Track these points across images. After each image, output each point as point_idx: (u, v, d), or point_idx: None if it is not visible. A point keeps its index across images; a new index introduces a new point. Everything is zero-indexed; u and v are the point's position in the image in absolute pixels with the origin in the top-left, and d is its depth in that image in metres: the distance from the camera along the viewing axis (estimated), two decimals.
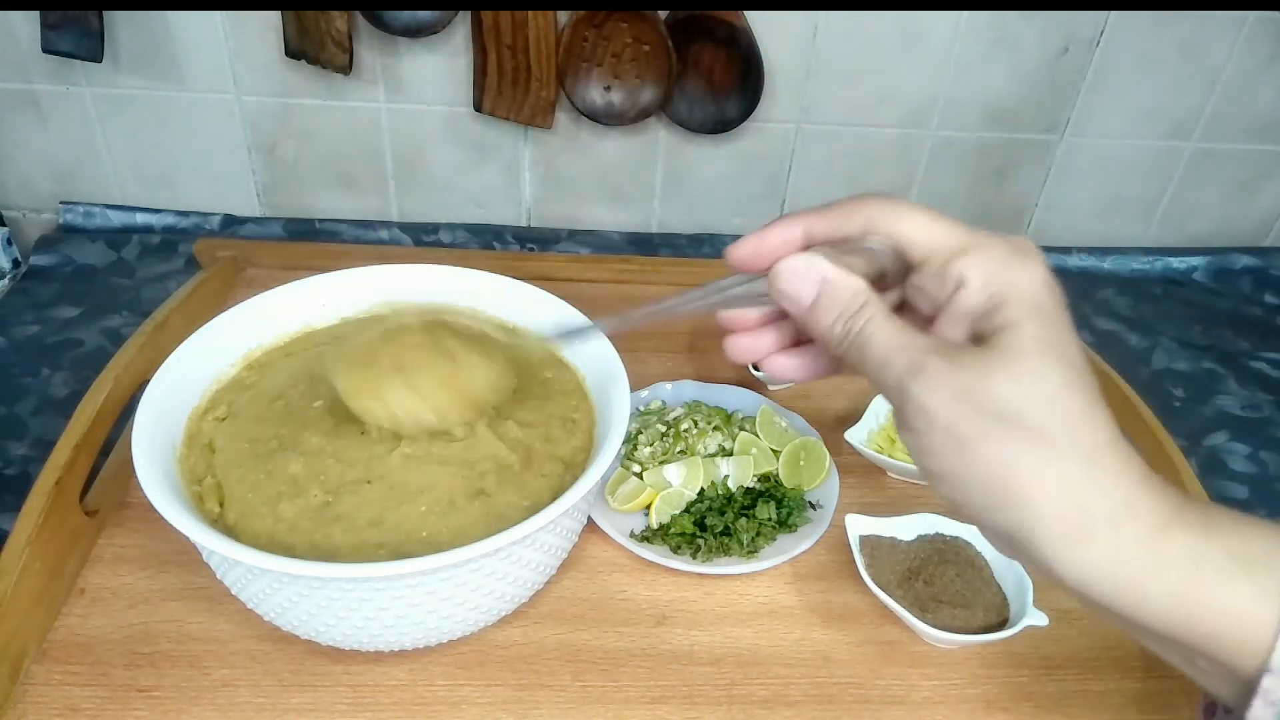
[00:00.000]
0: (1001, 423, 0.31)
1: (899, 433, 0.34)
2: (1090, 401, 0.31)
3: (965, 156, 0.95)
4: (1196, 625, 0.30)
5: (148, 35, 0.84)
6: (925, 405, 0.32)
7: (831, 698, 0.55)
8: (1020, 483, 0.31)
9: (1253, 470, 0.77)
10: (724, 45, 0.84)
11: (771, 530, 0.63)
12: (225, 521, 0.52)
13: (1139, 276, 1.01)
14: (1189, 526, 0.31)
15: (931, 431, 0.32)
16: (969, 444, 0.31)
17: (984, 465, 0.31)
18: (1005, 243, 0.33)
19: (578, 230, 0.98)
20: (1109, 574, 0.30)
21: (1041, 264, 0.33)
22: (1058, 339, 0.32)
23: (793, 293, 0.35)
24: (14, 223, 0.96)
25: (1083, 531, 0.30)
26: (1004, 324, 0.32)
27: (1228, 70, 0.90)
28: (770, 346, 0.40)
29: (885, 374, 0.33)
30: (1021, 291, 0.32)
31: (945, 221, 0.34)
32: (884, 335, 0.33)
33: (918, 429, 0.32)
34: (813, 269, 0.34)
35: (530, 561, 0.52)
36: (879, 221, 0.35)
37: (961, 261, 0.33)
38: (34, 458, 0.69)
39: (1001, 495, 0.31)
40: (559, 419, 0.59)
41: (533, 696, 0.54)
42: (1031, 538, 0.31)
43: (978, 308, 0.33)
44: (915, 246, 0.35)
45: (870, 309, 0.34)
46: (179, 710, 0.52)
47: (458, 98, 0.89)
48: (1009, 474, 0.31)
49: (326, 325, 0.66)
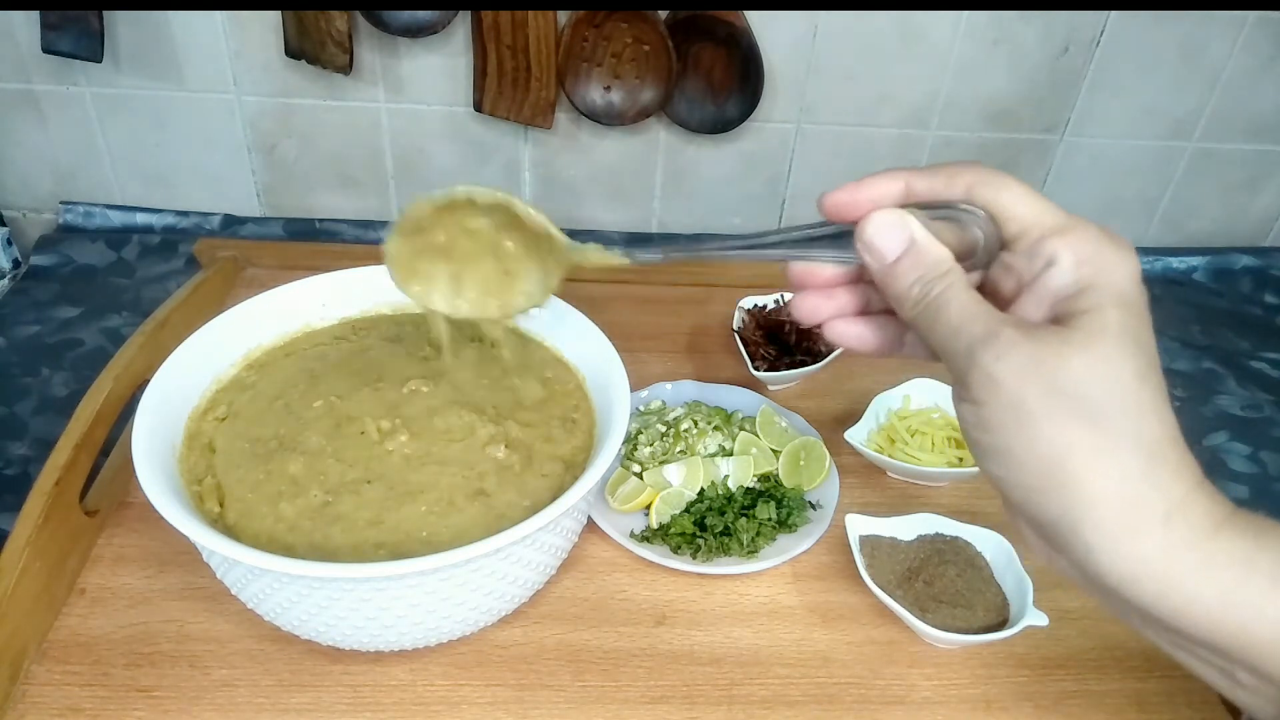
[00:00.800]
0: (1069, 402, 0.30)
1: (956, 406, 0.33)
2: (1160, 398, 0.31)
3: (965, 156, 0.94)
4: (1242, 633, 0.29)
5: (148, 35, 0.84)
6: (993, 373, 0.31)
7: (831, 698, 0.55)
8: (1077, 466, 0.30)
9: (1253, 470, 0.77)
10: (724, 45, 0.84)
11: (771, 530, 0.63)
12: (225, 521, 0.52)
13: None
14: (1241, 532, 0.30)
15: (995, 403, 0.31)
16: (1031, 419, 0.30)
17: (1044, 444, 0.30)
18: (1101, 230, 0.33)
19: (578, 230, 0.98)
20: (1157, 572, 0.30)
21: (1134, 257, 0.32)
22: (1140, 331, 0.31)
23: (880, 245, 0.34)
24: (14, 223, 0.96)
25: (1135, 525, 0.30)
26: (1088, 308, 0.31)
27: (1228, 70, 0.90)
28: (838, 309, 0.39)
29: (957, 340, 0.32)
30: (1111, 279, 0.32)
31: (1045, 201, 0.34)
32: (961, 301, 0.33)
33: (980, 400, 0.31)
34: (904, 226, 0.34)
35: (530, 561, 0.52)
36: (980, 189, 0.34)
37: (1056, 241, 0.33)
38: (34, 458, 0.69)
39: (1054, 477, 0.30)
40: (559, 419, 0.59)
41: (533, 696, 0.54)
42: (1079, 526, 0.30)
43: (1065, 288, 0.32)
44: (1012, 220, 0.34)
45: (952, 276, 0.33)
46: (179, 710, 0.52)
47: (458, 98, 0.89)
48: (1067, 456, 0.30)
49: (326, 325, 0.66)
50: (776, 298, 0.81)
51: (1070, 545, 0.31)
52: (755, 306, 0.82)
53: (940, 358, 0.34)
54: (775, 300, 0.81)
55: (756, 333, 0.78)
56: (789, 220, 0.99)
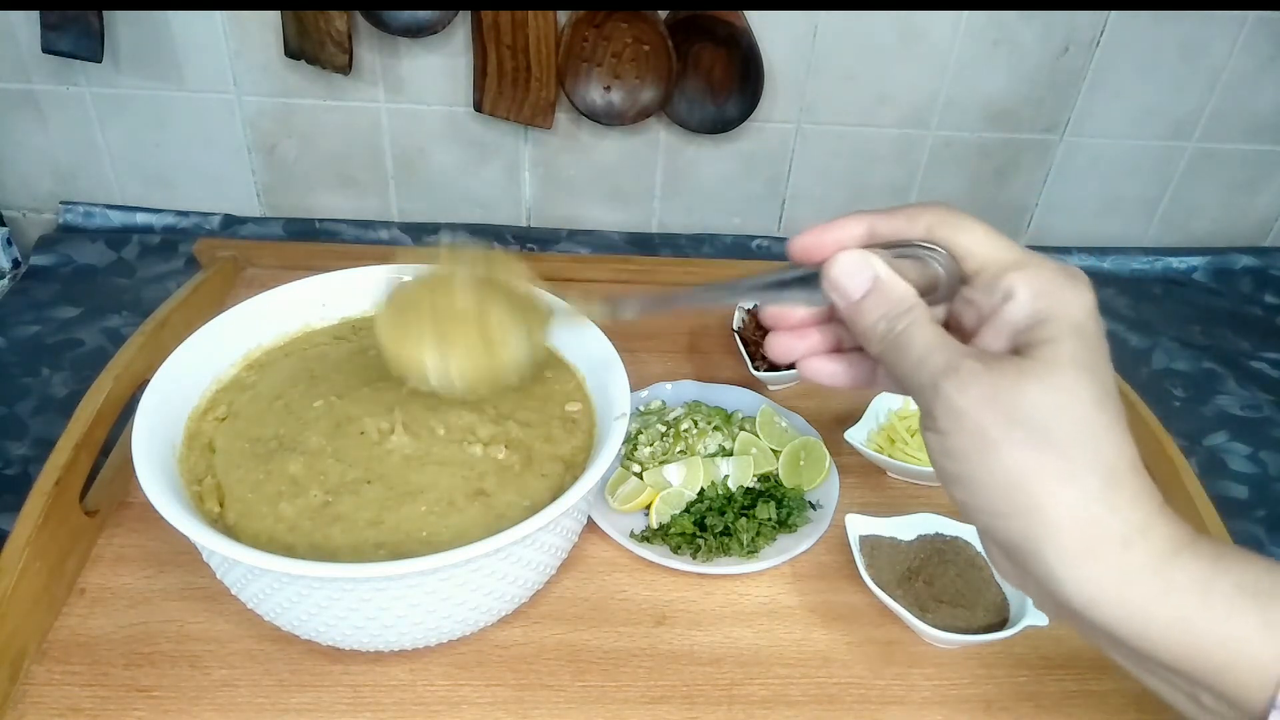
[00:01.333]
0: (1027, 429, 0.31)
1: (924, 435, 0.34)
2: (1117, 425, 0.32)
3: (965, 156, 0.95)
4: (1202, 656, 0.30)
5: (148, 35, 0.84)
6: (956, 404, 0.32)
7: (831, 698, 0.55)
8: (1037, 491, 0.31)
9: (1253, 470, 0.77)
10: (724, 45, 0.84)
11: (771, 530, 0.63)
12: (225, 521, 0.52)
13: (1139, 276, 1.01)
14: (1199, 556, 0.30)
15: (958, 432, 0.32)
16: (992, 447, 0.31)
17: (1003, 471, 0.31)
18: (1057, 265, 0.34)
19: (578, 230, 0.98)
20: (1115, 595, 0.30)
21: (1089, 291, 0.34)
22: (1095, 361, 0.32)
23: (845, 285, 0.36)
24: (14, 223, 0.96)
25: (1093, 547, 0.30)
26: (1045, 339, 0.32)
27: (1228, 70, 0.90)
28: (810, 348, 0.40)
29: (921, 372, 0.33)
30: (1067, 311, 0.33)
31: (1003, 239, 0.35)
32: (924, 335, 0.34)
33: (944, 430, 0.32)
34: (868, 265, 0.35)
35: (530, 561, 0.52)
36: (940, 228, 0.36)
37: (1014, 275, 0.34)
38: (34, 458, 0.69)
39: (1016, 502, 0.31)
40: (559, 419, 0.59)
41: (533, 696, 0.54)
42: (1041, 550, 0.31)
43: (1022, 321, 0.33)
44: (971, 257, 0.35)
45: (916, 312, 0.35)
46: (179, 710, 0.52)
47: (458, 98, 0.89)
48: (1027, 481, 0.31)
49: (326, 325, 0.66)
50: None
51: (1034, 568, 0.32)
52: (755, 306, 0.82)
53: (907, 390, 0.35)
54: None
55: (756, 333, 0.79)
56: (789, 220, 0.99)
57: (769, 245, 0.99)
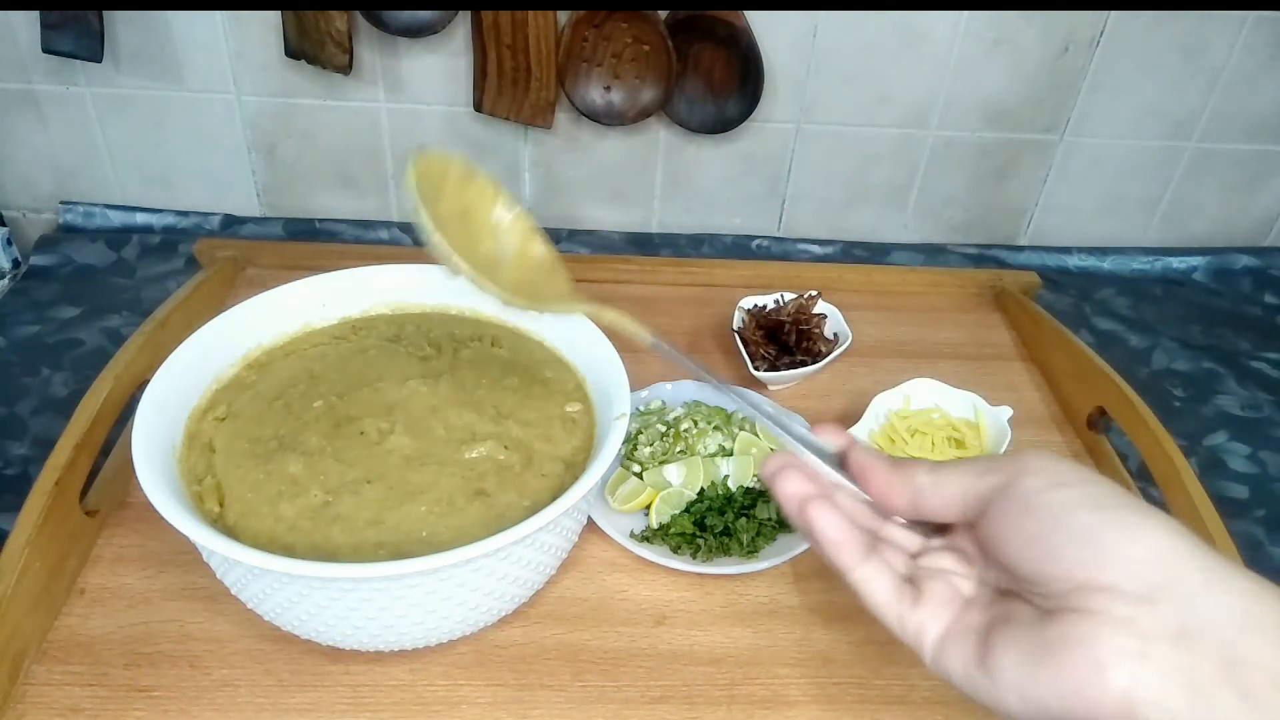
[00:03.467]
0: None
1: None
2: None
3: (965, 156, 0.95)
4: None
5: (148, 35, 0.84)
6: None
7: (831, 698, 0.55)
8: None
9: (1253, 470, 0.77)
10: (724, 45, 0.84)
11: (771, 530, 0.63)
12: (225, 521, 0.52)
13: (1139, 276, 1.01)
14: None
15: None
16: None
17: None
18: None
19: (578, 230, 0.98)
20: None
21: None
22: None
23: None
24: (14, 223, 0.96)
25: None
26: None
27: (1228, 70, 0.90)
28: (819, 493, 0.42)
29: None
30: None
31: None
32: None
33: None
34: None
35: (530, 561, 0.52)
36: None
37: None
38: (34, 458, 0.69)
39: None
40: (559, 419, 0.59)
41: (533, 696, 0.54)
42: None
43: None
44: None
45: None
46: (179, 710, 0.52)
47: (458, 98, 0.89)
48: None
49: (326, 325, 0.66)
50: (776, 298, 0.81)
51: None
52: (755, 306, 0.82)
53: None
54: (775, 300, 0.81)
55: (756, 333, 0.78)
56: (789, 220, 0.99)
57: (769, 245, 0.99)
